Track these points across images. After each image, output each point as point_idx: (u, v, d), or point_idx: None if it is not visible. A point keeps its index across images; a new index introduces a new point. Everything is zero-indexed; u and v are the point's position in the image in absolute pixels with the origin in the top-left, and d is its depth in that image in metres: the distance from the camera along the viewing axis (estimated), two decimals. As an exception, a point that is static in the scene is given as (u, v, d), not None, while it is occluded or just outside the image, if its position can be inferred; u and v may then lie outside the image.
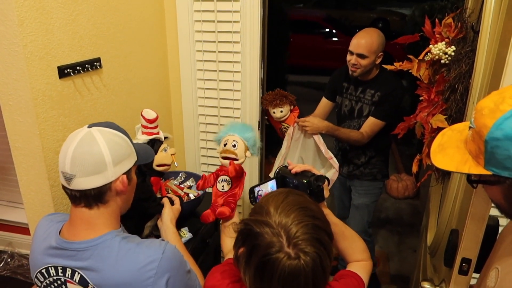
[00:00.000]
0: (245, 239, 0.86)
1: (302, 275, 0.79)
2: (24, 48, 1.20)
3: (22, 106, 1.26)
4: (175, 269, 1.00)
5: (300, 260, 0.78)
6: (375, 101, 2.11)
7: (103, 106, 1.59)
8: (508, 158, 0.72)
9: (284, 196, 0.88)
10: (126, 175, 1.02)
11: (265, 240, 0.81)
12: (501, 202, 0.81)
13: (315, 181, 1.06)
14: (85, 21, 1.45)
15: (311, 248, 0.80)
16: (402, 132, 1.61)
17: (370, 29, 2.09)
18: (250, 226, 0.85)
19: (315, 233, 0.82)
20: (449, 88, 1.30)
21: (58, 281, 1.01)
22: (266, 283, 0.82)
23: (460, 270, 1.05)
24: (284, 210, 0.84)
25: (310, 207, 0.87)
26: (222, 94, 2.10)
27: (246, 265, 0.85)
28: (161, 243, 1.01)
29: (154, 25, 1.96)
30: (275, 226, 0.81)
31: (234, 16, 1.93)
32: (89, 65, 1.46)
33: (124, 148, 1.02)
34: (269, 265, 0.80)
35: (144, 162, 1.13)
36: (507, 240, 0.92)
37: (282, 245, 0.80)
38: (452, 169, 0.82)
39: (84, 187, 0.96)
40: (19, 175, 1.38)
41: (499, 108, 0.73)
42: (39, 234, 1.07)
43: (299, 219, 0.82)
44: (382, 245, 3.24)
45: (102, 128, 1.00)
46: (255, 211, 0.89)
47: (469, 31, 1.34)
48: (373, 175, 2.34)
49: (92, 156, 0.95)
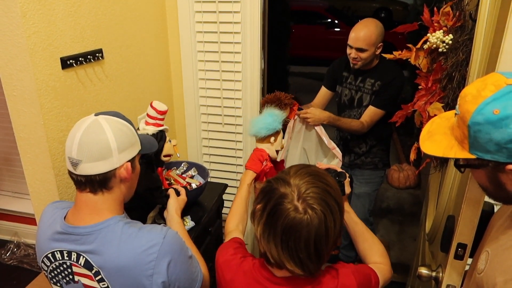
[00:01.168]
0: (264, 195, 0.94)
1: (305, 229, 0.86)
2: (28, 40, 1.21)
3: (26, 96, 1.28)
4: (176, 254, 1.02)
5: (306, 214, 0.86)
6: (376, 91, 2.12)
7: (105, 97, 1.61)
8: (490, 142, 0.75)
9: (306, 166, 0.98)
10: (130, 163, 1.05)
11: (279, 192, 0.90)
12: (487, 185, 0.85)
13: (337, 177, 1.14)
14: (87, 12, 1.46)
15: (318, 205, 0.87)
16: (400, 120, 1.63)
17: (368, 20, 2.08)
18: (271, 183, 0.94)
19: (324, 196, 0.89)
20: (446, 76, 1.31)
21: (64, 265, 1.04)
22: (272, 231, 0.89)
23: (455, 255, 1.07)
24: (301, 173, 0.93)
25: (326, 178, 0.94)
26: (223, 85, 2.12)
27: (260, 216, 0.93)
28: (162, 228, 1.04)
29: (155, 16, 1.97)
30: (291, 184, 0.90)
31: (234, 7, 1.94)
32: (91, 56, 1.48)
33: (129, 137, 1.05)
34: (278, 214, 0.88)
35: (148, 151, 1.16)
36: (497, 224, 0.95)
37: (293, 198, 0.88)
38: (439, 154, 0.86)
39: (89, 172, 0.99)
40: (25, 165, 1.40)
41: (480, 94, 0.76)
42: (45, 221, 1.10)
43: (312, 182, 0.90)
44: (383, 234, 3.27)
45: (108, 117, 1.04)
46: (279, 174, 0.97)
47: (468, 19, 1.35)
48: (374, 164, 2.36)
49: (99, 142, 0.98)
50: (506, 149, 0.74)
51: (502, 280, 0.79)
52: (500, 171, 0.79)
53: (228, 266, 1.04)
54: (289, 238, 0.87)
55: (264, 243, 0.92)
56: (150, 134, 1.49)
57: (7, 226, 2.18)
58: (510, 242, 0.84)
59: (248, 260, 1.03)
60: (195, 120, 2.24)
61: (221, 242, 1.94)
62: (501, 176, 0.79)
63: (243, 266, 1.02)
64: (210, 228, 1.87)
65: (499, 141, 0.74)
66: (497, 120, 0.73)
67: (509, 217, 0.91)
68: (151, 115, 1.51)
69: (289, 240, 0.87)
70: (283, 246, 0.88)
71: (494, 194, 0.86)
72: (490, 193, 0.87)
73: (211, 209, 1.84)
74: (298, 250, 0.87)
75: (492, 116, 0.74)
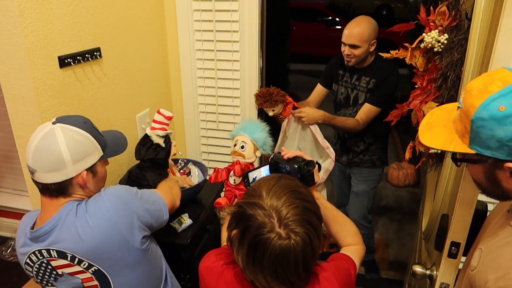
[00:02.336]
0: (238, 221, 0.89)
1: (292, 254, 0.82)
2: (25, 39, 1.22)
3: (24, 95, 1.29)
4: (126, 201, 1.11)
5: (291, 240, 0.82)
6: (371, 88, 2.13)
7: (103, 95, 1.62)
8: (492, 138, 0.74)
9: (275, 180, 0.91)
10: (89, 171, 1.07)
11: (257, 221, 0.84)
12: (482, 181, 0.84)
13: (305, 166, 1.09)
14: (85, 11, 1.47)
15: (301, 228, 0.83)
16: (395, 119, 1.63)
17: (361, 17, 2.09)
18: (243, 208, 0.88)
19: (305, 214, 0.85)
20: (441, 76, 1.31)
21: (43, 264, 1.06)
22: (258, 262, 0.85)
23: (449, 254, 1.08)
24: (275, 193, 0.87)
25: (300, 191, 0.90)
26: (221, 83, 2.12)
27: (239, 246, 0.89)
28: (106, 190, 1.11)
29: (154, 15, 1.98)
30: (267, 208, 0.85)
31: (232, 6, 1.94)
32: (89, 54, 1.49)
33: (85, 147, 1.05)
34: (261, 245, 0.83)
35: (113, 155, 1.17)
36: (492, 222, 0.95)
37: (273, 225, 0.83)
38: (438, 146, 0.85)
39: (44, 181, 1.02)
40: (23, 162, 1.41)
41: (487, 89, 0.75)
42: (19, 232, 1.12)
43: (290, 201, 0.85)
44: (382, 232, 3.27)
45: (65, 126, 1.03)
46: (248, 194, 0.92)
47: (464, 19, 1.35)
48: (372, 162, 2.36)
49: (51, 154, 0.99)
50: (507, 146, 0.73)
51: (494, 278, 0.79)
52: (498, 168, 0.78)
53: (210, 273, 1.02)
54: (277, 267, 0.84)
55: (250, 274, 0.89)
56: (161, 135, 1.64)
57: (8, 223, 2.19)
58: (504, 240, 0.85)
59: (230, 268, 1.00)
60: (194, 118, 2.24)
61: (219, 239, 1.95)
62: (498, 173, 0.79)
63: (225, 275, 0.99)
64: (208, 226, 1.88)
65: (501, 138, 0.73)
66: (502, 117, 0.72)
67: (503, 216, 0.91)
68: (158, 121, 1.64)
69: (277, 269, 0.84)
70: (272, 275, 0.85)
71: (489, 190, 0.86)
72: (484, 189, 0.87)
73: (209, 206, 1.84)
74: (289, 275, 0.85)
75: (497, 113, 0.72)
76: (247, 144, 1.59)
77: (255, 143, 1.62)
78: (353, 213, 2.49)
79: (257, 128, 1.64)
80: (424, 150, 1.44)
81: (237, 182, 1.60)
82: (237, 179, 1.59)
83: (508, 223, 0.86)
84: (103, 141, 1.12)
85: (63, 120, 1.04)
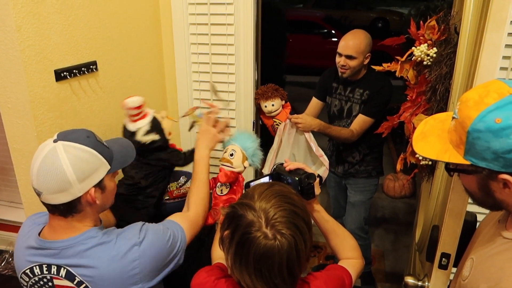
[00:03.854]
0: (230, 221, 0.91)
1: (276, 256, 0.84)
2: (22, 53, 1.24)
3: (20, 108, 1.31)
4: (154, 248, 1.06)
5: (276, 240, 0.84)
6: (365, 100, 2.16)
7: (99, 108, 1.64)
8: (487, 150, 0.75)
9: (269, 185, 0.94)
10: (98, 187, 1.02)
11: (246, 220, 0.87)
12: (475, 191, 0.85)
13: (306, 178, 1.11)
14: (82, 25, 1.49)
15: (287, 230, 0.85)
16: (386, 131, 1.65)
17: (357, 30, 2.14)
18: (235, 209, 0.91)
19: (293, 218, 0.87)
20: (431, 89, 1.34)
21: (44, 279, 1.03)
22: (244, 260, 0.87)
23: (440, 265, 1.09)
24: (266, 196, 0.90)
25: (291, 197, 0.92)
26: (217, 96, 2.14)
27: (229, 245, 0.90)
28: (138, 228, 1.07)
29: (150, 29, 2.00)
30: (257, 209, 0.87)
31: (228, 19, 1.97)
32: (86, 68, 1.51)
33: (90, 164, 0.99)
34: (247, 243, 0.85)
35: (121, 167, 1.12)
36: (483, 232, 0.96)
37: (261, 225, 0.85)
38: (433, 156, 0.86)
39: (52, 202, 0.98)
40: (18, 175, 1.42)
41: (483, 101, 0.75)
42: (22, 236, 1.10)
43: (279, 204, 0.88)
44: (378, 243, 3.27)
45: (67, 143, 0.98)
46: (242, 197, 0.95)
47: (452, 33, 1.38)
48: (368, 172, 2.38)
49: (55, 175, 0.95)
50: (502, 158, 0.74)
51: (485, 287, 0.80)
52: (492, 179, 0.79)
53: None
54: (262, 266, 0.85)
55: (236, 273, 0.91)
56: (148, 128, 1.52)
57: (3, 236, 2.18)
58: (495, 249, 0.85)
59: (221, 282, 1.00)
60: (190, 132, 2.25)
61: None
62: (492, 183, 0.79)
63: None
64: (205, 238, 1.88)
65: (497, 150, 0.74)
66: (498, 129, 0.73)
67: (494, 225, 0.92)
68: (132, 114, 1.52)
69: (262, 268, 0.86)
70: (256, 274, 0.87)
71: (481, 200, 0.86)
72: (477, 199, 0.87)
73: (204, 218, 1.85)
74: (273, 277, 0.86)
75: (493, 125, 0.73)
76: (236, 153, 1.58)
77: (245, 152, 1.61)
78: (350, 224, 2.50)
79: (248, 138, 1.64)
80: (415, 161, 1.45)
81: (224, 192, 1.58)
82: (224, 188, 1.57)
83: (499, 233, 0.87)
84: (109, 154, 1.06)
85: (65, 137, 0.99)
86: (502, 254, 0.83)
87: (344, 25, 9.39)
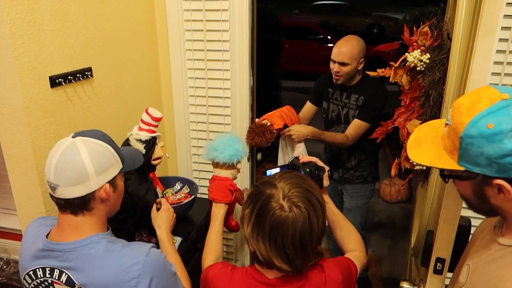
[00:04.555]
0: (252, 199, 1.01)
1: (290, 225, 0.93)
2: (16, 59, 1.24)
3: (15, 115, 1.30)
4: (158, 271, 1.03)
5: (292, 212, 0.93)
6: (360, 105, 2.17)
7: (94, 115, 1.64)
8: (481, 155, 0.75)
9: (289, 171, 1.10)
10: (110, 184, 1.05)
11: (266, 193, 0.97)
12: (470, 197, 0.85)
13: (316, 171, 1.23)
14: (77, 31, 1.50)
15: (302, 204, 0.94)
16: (381, 137, 1.66)
17: (350, 36, 2.15)
18: (258, 187, 1.02)
19: (308, 196, 0.96)
20: (424, 94, 1.34)
21: (45, 283, 1.04)
22: (261, 230, 0.96)
23: (435, 270, 1.09)
24: (286, 177, 1.00)
25: (308, 182, 1.02)
26: (213, 102, 2.15)
27: (249, 218, 0.99)
28: (146, 246, 1.05)
29: (146, 35, 2.01)
30: (277, 186, 0.98)
31: (223, 25, 1.98)
32: (81, 74, 1.51)
33: (107, 158, 1.04)
34: (265, 213, 0.95)
35: (130, 168, 1.16)
36: (479, 238, 0.96)
37: (278, 197, 0.95)
38: (427, 163, 0.86)
39: (68, 196, 0.99)
40: (12, 182, 1.42)
41: (475, 107, 0.76)
42: (28, 238, 1.10)
43: (296, 183, 0.98)
44: (374, 248, 3.27)
45: (86, 138, 1.02)
46: (266, 178, 1.05)
47: (445, 39, 1.39)
48: (363, 177, 2.38)
49: (74, 167, 0.97)
50: (496, 163, 0.74)
51: None
52: (486, 185, 0.79)
53: (221, 278, 1.07)
54: (276, 235, 0.93)
55: (253, 242, 0.98)
56: (143, 140, 1.54)
57: (-3, 243, 2.17)
58: (491, 256, 0.85)
59: (239, 269, 1.08)
60: (185, 136, 2.26)
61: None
62: (487, 189, 0.80)
63: (236, 275, 1.06)
64: (199, 245, 1.88)
65: (490, 155, 0.74)
66: (490, 134, 0.73)
67: (490, 231, 0.92)
68: (145, 121, 1.55)
69: (276, 237, 0.93)
70: (270, 243, 0.94)
71: (477, 206, 0.86)
72: (472, 205, 0.87)
73: (200, 225, 1.85)
74: (285, 246, 0.93)
75: (486, 130, 0.74)
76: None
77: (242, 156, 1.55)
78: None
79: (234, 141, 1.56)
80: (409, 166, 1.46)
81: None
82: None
83: (495, 239, 0.86)
84: (121, 154, 1.11)
85: (82, 134, 1.03)
86: (499, 261, 0.82)
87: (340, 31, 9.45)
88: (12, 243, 2.15)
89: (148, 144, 1.55)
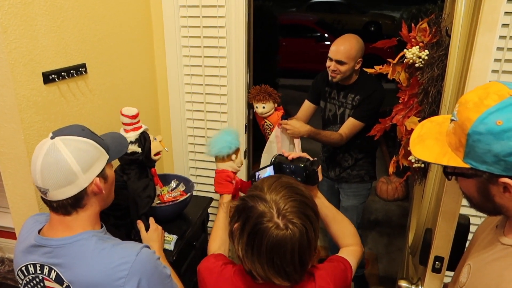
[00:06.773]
0: (240, 213, 0.95)
1: (289, 244, 0.88)
2: (8, 55, 1.22)
3: (7, 111, 1.28)
4: (148, 272, 1.01)
5: (288, 230, 0.87)
6: (355, 105, 2.15)
7: (88, 111, 1.61)
8: (488, 153, 0.73)
9: (276, 178, 0.99)
10: (100, 176, 1.03)
11: (257, 211, 0.90)
12: (474, 196, 0.83)
13: (311, 165, 1.18)
14: (71, 27, 1.47)
15: (298, 220, 0.89)
16: (379, 134, 1.65)
17: (349, 35, 2.12)
18: (245, 201, 0.94)
19: (302, 208, 0.91)
20: (423, 91, 1.33)
21: (36, 279, 1.03)
22: (256, 251, 0.90)
23: (433, 268, 1.08)
24: (275, 188, 0.94)
25: (299, 188, 0.96)
26: (209, 99, 2.13)
27: (240, 236, 0.94)
28: (137, 245, 1.03)
29: (141, 31, 1.99)
30: (268, 200, 0.91)
31: (219, 22, 1.96)
32: (74, 70, 1.49)
33: (91, 153, 1.01)
34: (260, 233, 0.89)
35: (117, 156, 1.15)
36: (480, 238, 0.94)
37: (272, 215, 0.89)
38: (431, 160, 0.84)
39: (60, 198, 0.98)
40: (5, 179, 1.40)
41: (483, 103, 0.74)
42: (23, 234, 1.10)
43: (289, 195, 0.92)
44: (371, 246, 3.27)
45: (65, 137, 0.99)
46: (251, 190, 0.98)
47: (444, 35, 1.38)
48: (360, 176, 2.37)
49: (60, 169, 0.96)
50: (504, 161, 0.72)
51: None
52: (492, 183, 0.77)
53: (209, 273, 1.06)
54: (274, 255, 0.88)
55: (248, 263, 0.94)
56: (134, 140, 1.53)
57: (-10, 241, 2.14)
58: (493, 256, 0.84)
59: (229, 267, 1.05)
60: (181, 133, 2.24)
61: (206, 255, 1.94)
62: (492, 188, 0.78)
63: (224, 274, 1.04)
64: (195, 243, 1.86)
65: (498, 153, 0.72)
66: (499, 131, 0.71)
67: (491, 231, 0.91)
68: (126, 123, 1.54)
69: (274, 257, 0.88)
70: (268, 264, 0.89)
71: (480, 205, 0.84)
72: (475, 204, 0.85)
73: (195, 222, 1.83)
74: (284, 265, 0.89)
75: (495, 127, 0.71)
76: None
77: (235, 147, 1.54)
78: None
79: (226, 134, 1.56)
80: (407, 164, 1.45)
81: None
82: None
83: (497, 239, 0.85)
84: (105, 144, 1.08)
85: (61, 133, 1.01)
86: (501, 261, 0.81)
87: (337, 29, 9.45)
88: (5, 241, 2.13)
89: (140, 141, 1.55)
